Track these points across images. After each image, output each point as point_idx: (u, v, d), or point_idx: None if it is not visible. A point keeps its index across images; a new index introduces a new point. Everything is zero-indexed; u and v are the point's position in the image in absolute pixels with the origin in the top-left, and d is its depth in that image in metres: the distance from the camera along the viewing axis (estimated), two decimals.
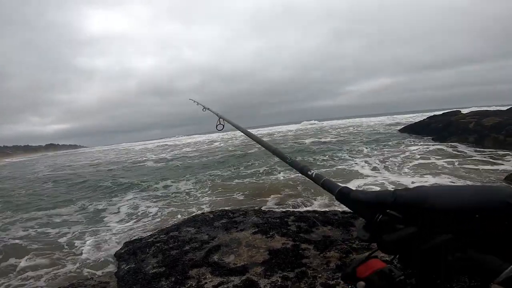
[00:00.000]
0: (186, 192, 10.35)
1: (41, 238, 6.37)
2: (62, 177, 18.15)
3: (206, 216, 3.94)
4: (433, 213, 0.51)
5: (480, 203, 0.48)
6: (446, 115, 20.31)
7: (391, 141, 18.72)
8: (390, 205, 0.56)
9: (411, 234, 0.52)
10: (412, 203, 0.54)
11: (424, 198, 0.53)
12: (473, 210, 0.48)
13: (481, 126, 14.89)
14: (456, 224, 0.49)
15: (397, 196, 0.55)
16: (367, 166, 11.79)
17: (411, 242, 0.51)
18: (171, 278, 2.41)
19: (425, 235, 0.51)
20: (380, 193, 0.59)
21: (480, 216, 0.47)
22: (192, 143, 38.07)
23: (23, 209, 9.58)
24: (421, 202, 0.53)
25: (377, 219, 0.56)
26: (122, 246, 3.52)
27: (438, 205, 0.51)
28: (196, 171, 14.21)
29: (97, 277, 3.36)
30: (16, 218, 8.51)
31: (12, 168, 34.47)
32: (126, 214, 7.82)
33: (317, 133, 33.24)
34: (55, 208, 9.59)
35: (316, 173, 0.86)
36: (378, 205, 0.57)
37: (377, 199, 0.58)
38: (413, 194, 0.54)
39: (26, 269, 4.48)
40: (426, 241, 0.50)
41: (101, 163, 27.86)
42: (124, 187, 12.40)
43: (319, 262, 2.30)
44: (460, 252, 0.48)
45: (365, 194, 0.61)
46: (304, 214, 3.49)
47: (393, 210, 0.55)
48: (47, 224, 7.61)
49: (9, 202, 10.95)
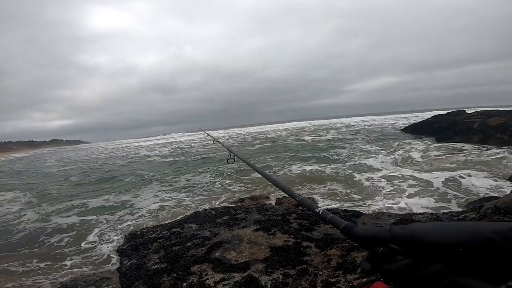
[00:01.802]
0: (208, 183, 10.66)
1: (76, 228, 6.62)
2: (81, 171, 18.32)
3: (209, 213, 3.96)
4: (423, 246, 0.60)
5: (462, 238, 0.57)
6: (450, 115, 20.18)
7: (394, 139, 18.65)
8: (388, 240, 0.65)
9: (408, 264, 0.60)
10: (406, 239, 0.63)
11: (415, 234, 0.62)
12: (456, 244, 0.56)
13: (486, 126, 14.79)
14: (444, 255, 0.57)
15: (393, 233, 0.64)
16: (377, 163, 11.81)
17: (408, 270, 0.60)
18: (172, 274, 2.42)
19: (420, 265, 0.59)
20: (378, 230, 0.68)
21: (462, 249, 0.55)
22: (195, 140, 38.28)
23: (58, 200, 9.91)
24: (413, 238, 0.62)
25: (379, 250, 0.65)
26: (124, 241, 3.54)
27: (425, 240, 0.60)
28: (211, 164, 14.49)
29: (99, 273, 3.39)
30: (53, 209, 8.83)
31: (24, 162, 34.76)
32: (158, 206, 8.14)
33: (324, 130, 33.26)
34: (84, 199, 9.90)
35: (323, 210, 0.95)
36: (377, 240, 0.66)
37: (375, 235, 0.67)
38: (405, 231, 0.64)
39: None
40: (421, 269, 0.59)
41: (110, 158, 28.15)
42: (145, 180, 12.58)
43: (320, 259, 2.30)
44: (449, 279, 0.55)
45: (365, 230, 0.71)
46: (306, 212, 3.48)
47: (392, 244, 0.64)
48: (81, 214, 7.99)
49: (44, 195, 11.21)
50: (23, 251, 5.75)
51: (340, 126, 38.08)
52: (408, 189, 8.18)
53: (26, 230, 7.19)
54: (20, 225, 7.68)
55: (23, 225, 7.69)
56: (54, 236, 6.49)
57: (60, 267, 4.86)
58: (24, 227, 7.45)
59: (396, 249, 0.63)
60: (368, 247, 0.68)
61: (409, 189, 8.18)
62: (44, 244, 6.07)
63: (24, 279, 4.50)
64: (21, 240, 6.56)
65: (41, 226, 7.39)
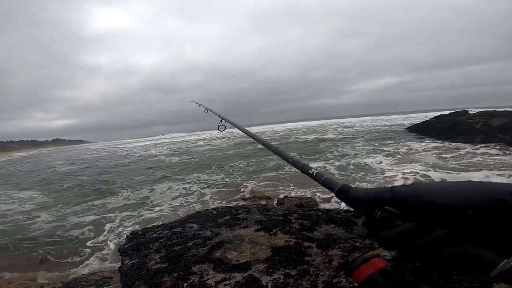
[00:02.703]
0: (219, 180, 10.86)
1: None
2: (92, 170, 18.44)
3: (210, 213, 3.96)
4: (429, 208, 0.52)
5: (473, 199, 0.50)
6: (452, 115, 20.11)
7: (396, 139, 18.59)
8: (388, 201, 0.57)
9: (409, 229, 0.53)
10: (409, 200, 0.55)
11: (420, 194, 0.54)
12: (466, 205, 0.49)
13: (489, 127, 14.71)
14: (451, 219, 0.50)
15: (395, 193, 0.57)
16: (377, 162, 11.78)
17: (409, 237, 0.53)
18: (173, 274, 2.42)
19: (422, 230, 0.52)
20: (378, 190, 0.60)
21: (473, 211, 0.49)
22: (198, 139, 38.35)
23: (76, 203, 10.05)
24: (417, 198, 0.54)
25: (376, 215, 0.58)
26: (126, 241, 3.54)
27: (434, 201, 0.52)
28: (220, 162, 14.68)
29: (100, 272, 3.40)
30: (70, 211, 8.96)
31: (32, 161, 34.92)
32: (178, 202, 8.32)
33: (324, 130, 33.22)
34: (102, 199, 10.09)
35: (317, 171, 0.88)
36: (376, 202, 0.59)
37: (375, 196, 0.60)
38: (409, 191, 0.56)
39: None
40: (424, 236, 0.52)
41: (114, 156, 28.29)
42: (158, 178, 12.71)
43: (321, 260, 2.30)
44: (456, 247, 0.49)
45: (363, 191, 0.63)
46: (307, 212, 3.48)
47: (391, 206, 0.57)
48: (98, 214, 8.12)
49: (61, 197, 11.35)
50: (37, 249, 5.81)
51: (341, 126, 38.03)
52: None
53: (43, 229, 7.27)
54: (36, 224, 7.79)
55: (38, 224, 7.79)
56: (69, 235, 6.57)
57: (69, 264, 4.90)
58: (40, 226, 7.53)
59: (396, 213, 0.56)
60: (365, 211, 0.61)
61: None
62: (59, 242, 6.13)
63: (30, 274, 4.55)
64: (38, 237, 6.64)
65: (57, 225, 7.49)
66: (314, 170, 0.90)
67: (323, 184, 0.80)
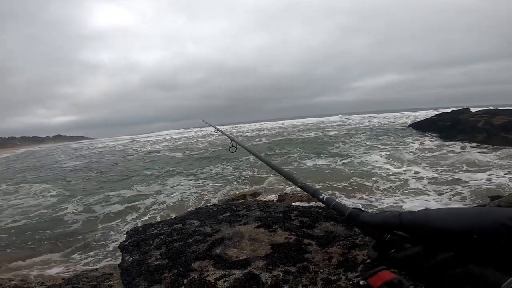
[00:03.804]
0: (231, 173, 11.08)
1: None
2: (96, 165, 18.53)
3: (210, 209, 3.96)
4: (436, 233, 0.56)
5: (478, 225, 0.53)
6: (454, 113, 20.02)
7: (398, 136, 18.55)
8: (396, 226, 0.61)
9: (417, 252, 0.57)
10: (417, 225, 0.59)
11: (427, 220, 0.58)
12: (471, 231, 0.52)
13: (490, 125, 14.62)
14: (456, 243, 0.54)
15: (403, 219, 0.61)
16: (380, 159, 11.80)
17: (417, 259, 0.57)
18: (173, 270, 2.43)
19: (429, 253, 0.56)
20: (386, 216, 0.64)
21: (477, 236, 0.52)
22: (191, 137, 38.42)
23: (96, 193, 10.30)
24: (424, 224, 0.58)
25: (385, 238, 0.62)
26: (126, 237, 3.56)
27: (439, 227, 0.56)
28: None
29: (101, 268, 3.42)
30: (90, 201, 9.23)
31: (35, 157, 35.04)
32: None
33: (327, 127, 33.21)
34: (118, 190, 10.33)
35: (327, 197, 0.93)
36: (385, 227, 0.63)
37: (383, 222, 0.63)
38: (416, 217, 0.60)
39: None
40: (431, 258, 0.55)
41: (116, 152, 28.39)
42: (169, 174, 12.83)
43: (321, 257, 2.30)
44: (461, 268, 0.52)
45: (372, 216, 0.67)
46: (308, 209, 3.48)
47: (399, 231, 0.61)
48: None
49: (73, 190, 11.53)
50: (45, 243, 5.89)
51: (344, 123, 37.98)
52: (413, 185, 8.16)
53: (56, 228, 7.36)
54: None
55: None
56: (73, 228, 6.61)
57: (70, 260, 4.93)
58: (48, 226, 7.63)
59: (405, 236, 0.60)
60: (375, 234, 0.64)
61: (414, 185, 8.16)
62: (62, 235, 6.21)
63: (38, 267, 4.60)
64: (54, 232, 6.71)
65: (68, 219, 7.59)
66: (324, 195, 0.94)
67: (333, 208, 0.84)
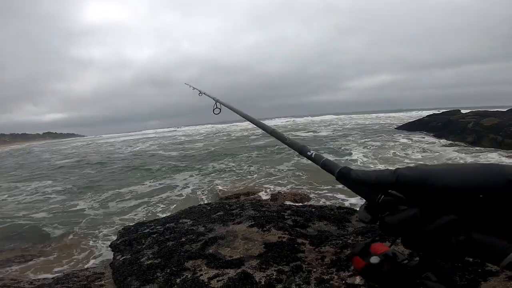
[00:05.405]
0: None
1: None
2: (104, 162, 18.23)
3: (203, 208, 3.94)
4: (436, 193, 0.48)
5: (485, 182, 0.45)
6: (445, 114, 20.34)
7: (389, 136, 18.80)
8: (392, 185, 0.53)
9: (414, 215, 0.49)
10: (415, 183, 0.50)
11: (427, 177, 0.49)
12: (478, 189, 0.45)
13: (480, 126, 14.91)
14: (460, 204, 0.46)
15: (399, 175, 0.52)
16: (368, 159, 11.94)
17: (414, 223, 0.49)
18: (166, 270, 2.41)
19: (428, 216, 0.48)
20: (381, 172, 0.55)
21: (484, 196, 0.45)
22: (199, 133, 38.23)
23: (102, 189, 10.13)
24: (423, 181, 0.49)
25: (379, 199, 0.54)
26: (118, 236, 3.51)
27: (441, 184, 0.48)
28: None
29: (91, 268, 3.37)
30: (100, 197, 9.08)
31: (31, 154, 34.27)
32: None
33: (320, 126, 33.43)
34: (130, 186, 10.32)
35: (316, 153, 0.83)
36: (379, 185, 0.55)
37: (377, 179, 0.55)
38: (415, 173, 0.51)
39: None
40: (429, 222, 0.48)
41: (112, 148, 28.04)
42: (177, 170, 12.79)
43: (314, 256, 2.31)
44: (464, 235, 0.46)
45: (365, 173, 0.58)
46: (301, 209, 3.49)
47: (394, 190, 0.53)
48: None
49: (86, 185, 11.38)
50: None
51: (336, 123, 38.29)
52: None
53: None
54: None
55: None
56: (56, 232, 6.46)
57: (59, 260, 4.85)
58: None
59: (400, 197, 0.52)
60: (368, 195, 0.57)
61: None
62: (49, 239, 6.06)
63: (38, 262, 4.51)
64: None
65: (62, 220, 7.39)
66: (313, 152, 0.84)
67: (323, 166, 0.76)
